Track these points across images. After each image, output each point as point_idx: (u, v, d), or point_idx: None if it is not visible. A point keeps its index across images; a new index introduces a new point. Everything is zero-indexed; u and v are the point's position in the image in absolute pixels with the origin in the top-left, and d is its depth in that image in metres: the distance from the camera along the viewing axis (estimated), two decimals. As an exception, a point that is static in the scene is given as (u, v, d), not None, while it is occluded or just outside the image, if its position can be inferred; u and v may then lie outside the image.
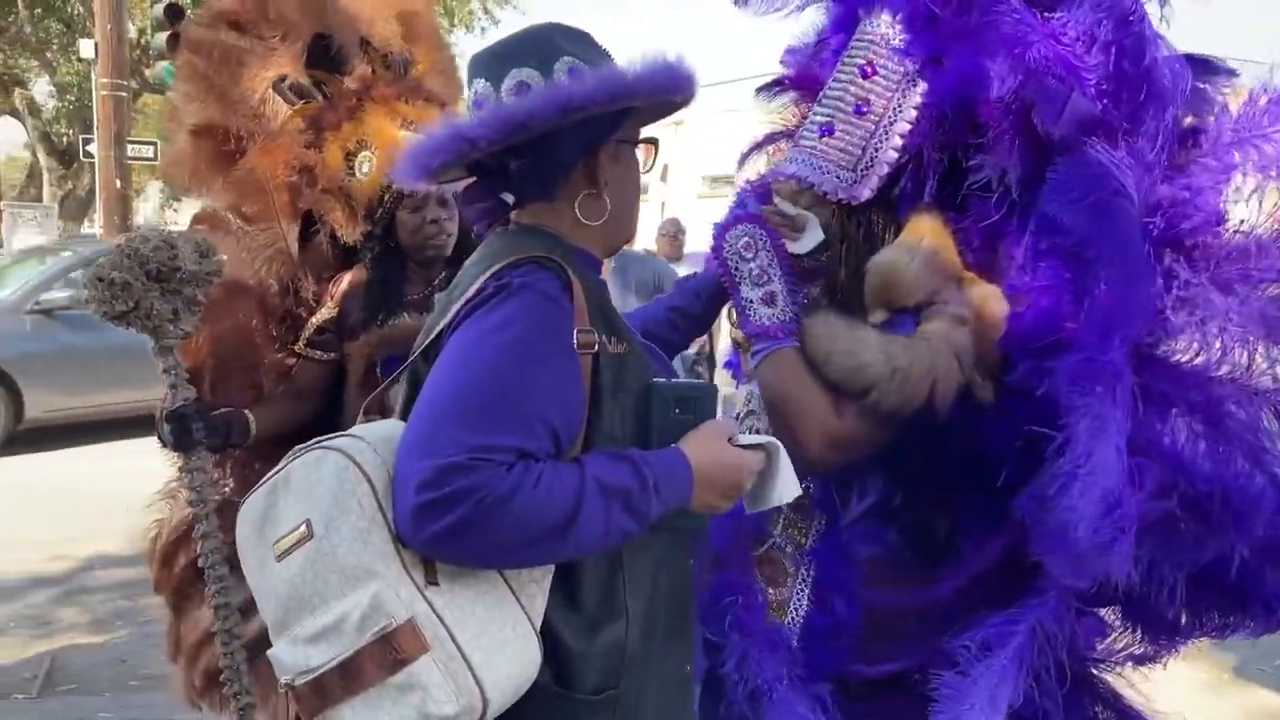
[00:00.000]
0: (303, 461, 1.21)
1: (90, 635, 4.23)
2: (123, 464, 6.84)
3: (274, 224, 2.35)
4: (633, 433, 1.29)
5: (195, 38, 2.40)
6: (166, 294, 2.00)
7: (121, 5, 13.00)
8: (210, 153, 2.34)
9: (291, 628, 1.19)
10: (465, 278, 1.32)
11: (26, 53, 20.70)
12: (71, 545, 5.32)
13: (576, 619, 1.25)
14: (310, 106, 2.39)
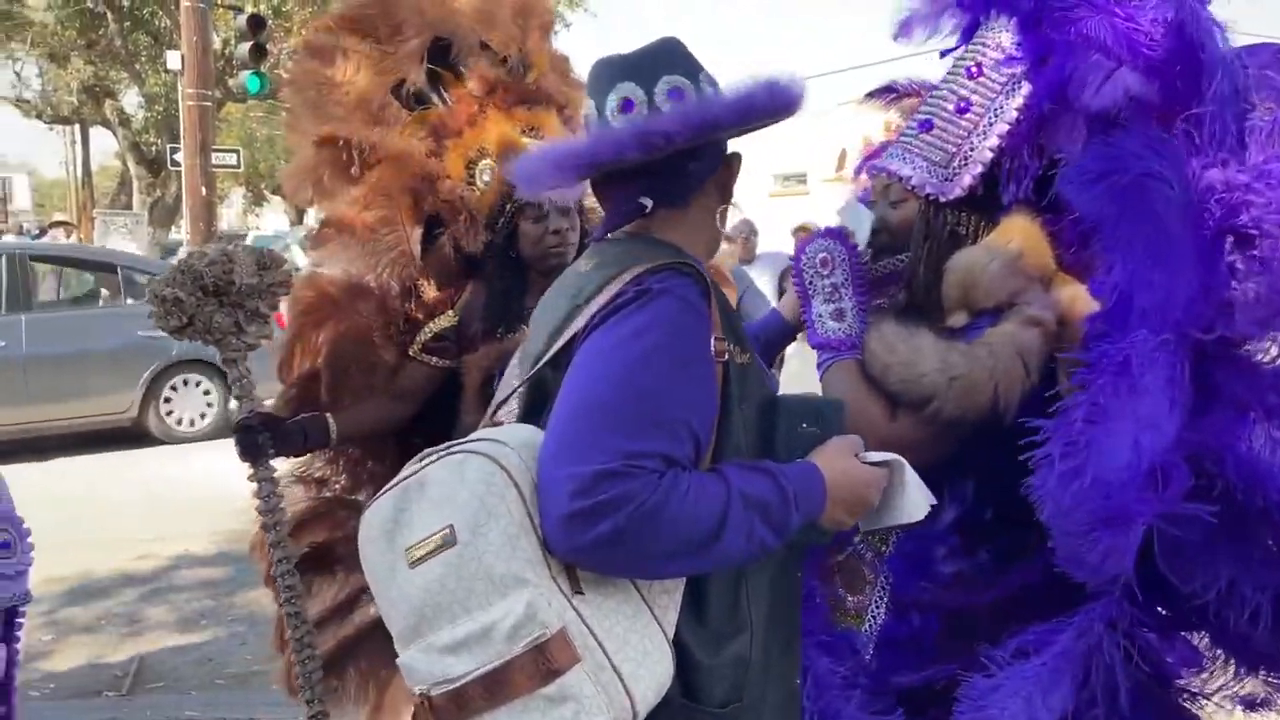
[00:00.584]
0: (442, 465, 1.18)
1: (177, 634, 4.33)
2: (208, 466, 7.04)
3: (398, 227, 2.34)
4: (753, 445, 1.29)
5: (316, 44, 2.41)
6: (226, 307, 2.04)
7: (206, 18, 13.38)
8: (333, 162, 2.33)
9: (425, 636, 1.16)
10: (587, 284, 1.30)
11: (117, 65, 21.45)
12: (159, 545, 5.47)
13: (703, 631, 1.24)
14: (430, 112, 2.38)
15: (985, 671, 1.51)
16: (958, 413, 1.52)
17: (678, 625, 1.21)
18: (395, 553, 1.18)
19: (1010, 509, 1.60)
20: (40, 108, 26.99)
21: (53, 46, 21.95)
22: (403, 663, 1.20)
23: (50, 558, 5.00)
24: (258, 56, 13.06)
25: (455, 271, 2.37)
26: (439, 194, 2.31)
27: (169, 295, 2.02)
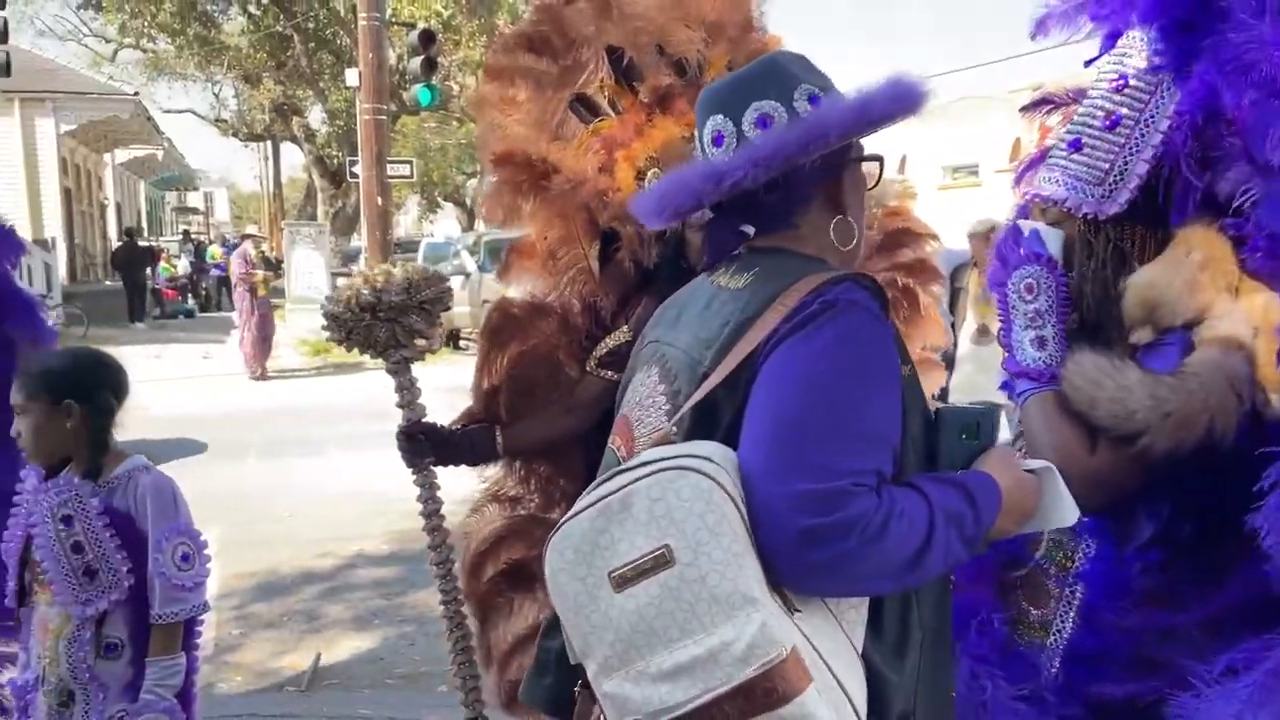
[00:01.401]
0: (651, 482, 1.12)
1: (352, 632, 4.51)
2: (386, 468, 7.35)
3: (575, 246, 2.37)
4: (920, 458, 1.28)
5: (495, 65, 2.44)
6: (384, 322, 2.17)
7: (381, 34, 14.01)
8: (514, 180, 2.35)
9: (634, 663, 1.11)
10: (749, 299, 1.28)
11: (303, 84, 22.82)
12: (337, 544, 5.73)
13: (881, 645, 1.23)
14: (604, 124, 2.36)
15: (1192, 689, 1.47)
16: (1170, 446, 1.48)
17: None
18: (596, 576, 1.12)
19: (1211, 527, 1.55)
20: (236, 126, 29.03)
21: (247, 69, 23.57)
22: (608, 693, 1.13)
23: (241, 555, 5.36)
24: (428, 70, 13.58)
25: (634, 285, 2.36)
26: (612, 208, 2.29)
27: (329, 310, 2.21)
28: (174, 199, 45.33)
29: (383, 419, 9.77)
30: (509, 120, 2.39)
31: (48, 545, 1.98)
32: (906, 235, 2.55)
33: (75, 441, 2.02)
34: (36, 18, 25.06)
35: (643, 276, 2.35)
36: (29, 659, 2.07)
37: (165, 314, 21.10)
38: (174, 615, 2.02)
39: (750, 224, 1.34)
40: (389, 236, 14.71)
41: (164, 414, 9.52)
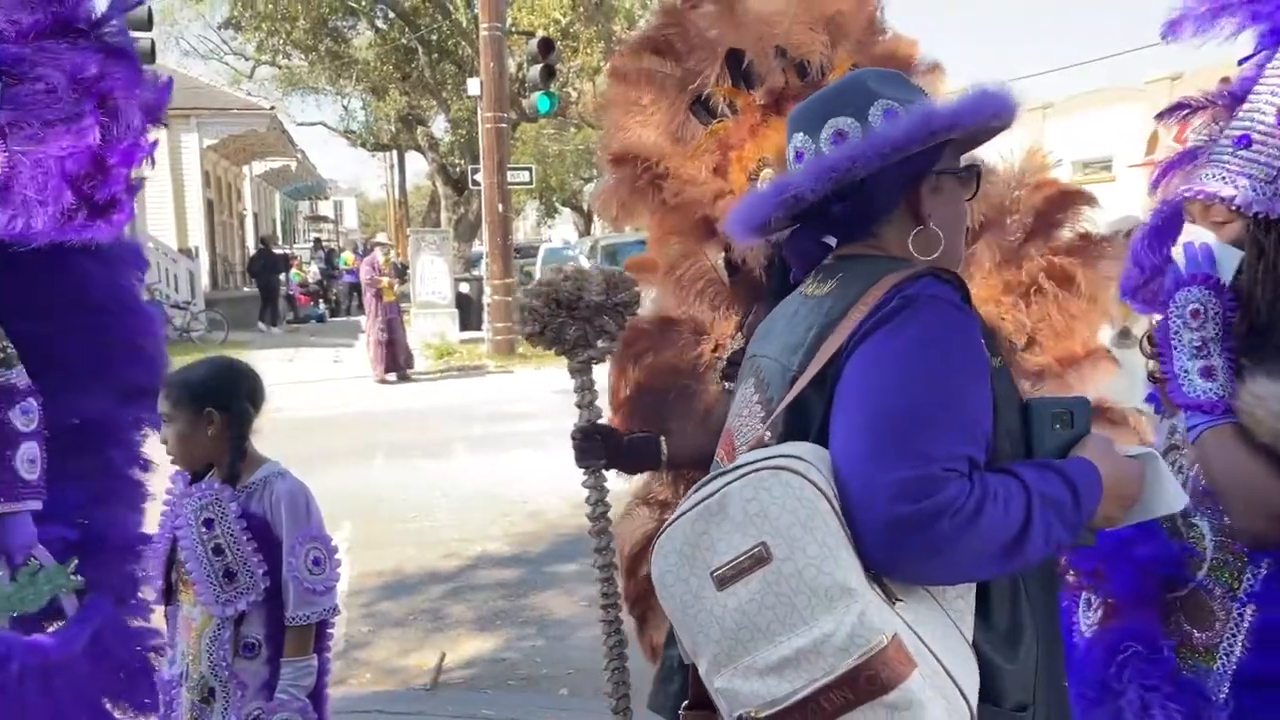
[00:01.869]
0: (743, 484, 1.17)
1: (475, 633, 4.59)
2: (508, 471, 7.49)
3: (698, 259, 2.38)
4: (1015, 448, 1.30)
5: (619, 68, 2.48)
6: (576, 321, 2.19)
7: (502, 44, 14.29)
8: (629, 181, 2.39)
9: (742, 659, 1.15)
10: (833, 304, 1.33)
11: (427, 94, 23.46)
12: (461, 545, 5.85)
13: (992, 634, 1.25)
14: (719, 126, 2.36)
15: None
16: None
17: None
18: (699, 577, 1.17)
19: None
20: (364, 137, 30.04)
21: (374, 81, 24.38)
22: (719, 689, 1.17)
23: (369, 554, 5.53)
24: (547, 77, 13.77)
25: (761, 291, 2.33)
26: (719, 213, 2.26)
27: (527, 304, 2.22)
28: (306, 208, 47.28)
29: (504, 421, 10.00)
30: (632, 123, 2.41)
31: (191, 547, 2.07)
32: (1061, 206, 2.39)
33: (216, 448, 2.11)
34: (181, 38, 26.48)
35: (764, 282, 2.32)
36: (174, 655, 2.16)
37: (298, 319, 22.03)
38: (306, 618, 2.08)
39: (830, 235, 1.40)
40: (509, 242, 14.98)
41: (296, 416, 9.92)
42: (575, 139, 30.49)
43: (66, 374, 2.43)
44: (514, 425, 9.34)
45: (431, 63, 22.34)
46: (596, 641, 4.49)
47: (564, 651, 4.34)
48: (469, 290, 18.27)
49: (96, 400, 2.52)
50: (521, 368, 13.78)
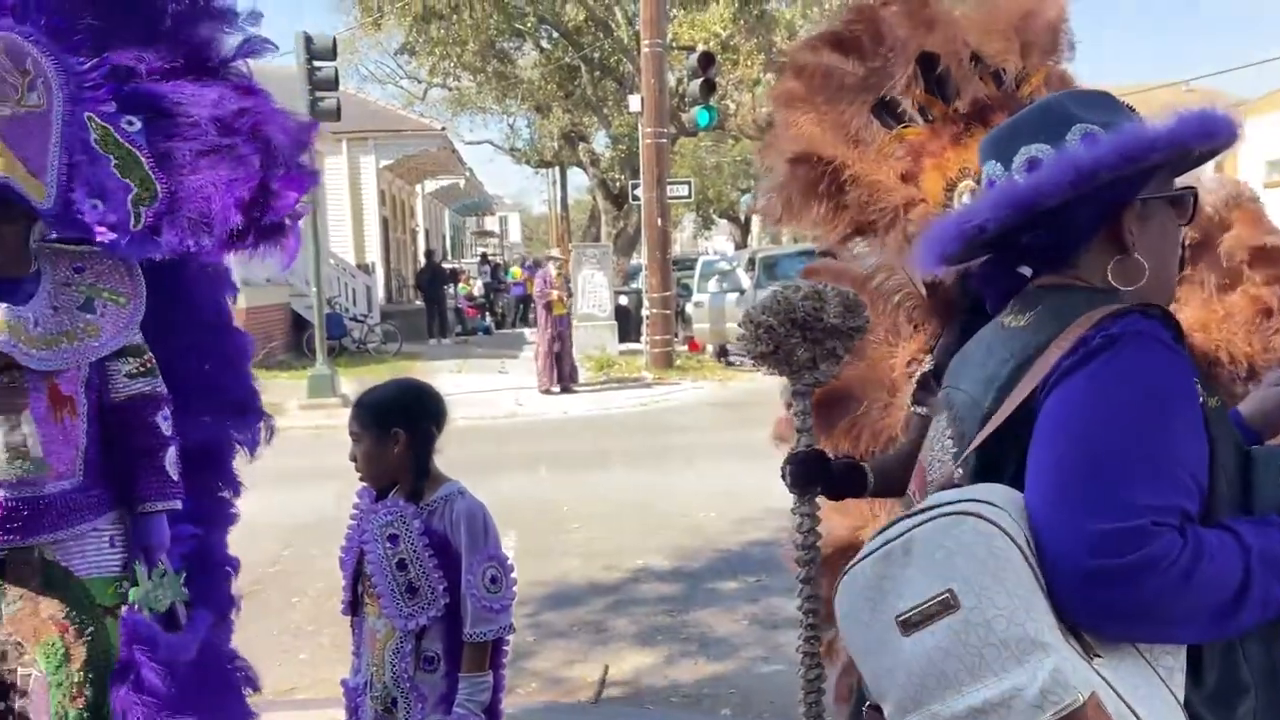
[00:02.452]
0: (930, 528, 1.13)
1: (637, 647, 4.61)
2: (667, 483, 7.52)
3: (894, 271, 2.29)
4: (1235, 497, 1.22)
5: (799, 62, 2.42)
6: (808, 342, 2.12)
7: (663, 60, 14.42)
8: (805, 182, 2.32)
9: (928, 705, 1.12)
10: (1028, 339, 1.26)
11: (588, 111, 23.96)
12: (622, 557, 5.89)
13: (1204, 693, 1.18)
14: (910, 131, 2.28)
15: None
16: None
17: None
18: (883, 620, 1.14)
19: None
20: (528, 154, 30.94)
21: (538, 100, 25.09)
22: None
23: (534, 563, 5.64)
24: (707, 92, 13.81)
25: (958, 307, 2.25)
26: (910, 222, 2.21)
27: (763, 321, 2.13)
28: (473, 224, 49.06)
29: (662, 434, 10.06)
30: (804, 120, 2.35)
31: (377, 562, 2.16)
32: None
33: (401, 466, 2.19)
34: (361, 65, 28.00)
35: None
36: (360, 665, 2.26)
37: (465, 331, 22.84)
38: (483, 635, 2.14)
39: (1025, 265, 1.32)
40: (668, 255, 15.10)
41: (463, 425, 10.27)
42: (733, 150, 30.47)
43: (181, 392, 2.61)
44: (672, 438, 9.38)
45: (593, 80, 22.81)
46: (759, 662, 4.46)
47: (726, 671, 4.30)
48: (628, 303, 18.51)
49: (202, 419, 2.69)
50: (679, 380, 13.84)
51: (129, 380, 2.40)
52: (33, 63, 2.35)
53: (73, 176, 2.33)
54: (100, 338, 2.36)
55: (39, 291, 2.33)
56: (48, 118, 2.33)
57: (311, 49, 11.88)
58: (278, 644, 4.70)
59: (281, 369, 15.35)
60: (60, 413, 2.26)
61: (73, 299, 2.38)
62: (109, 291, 2.42)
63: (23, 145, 2.25)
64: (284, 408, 11.91)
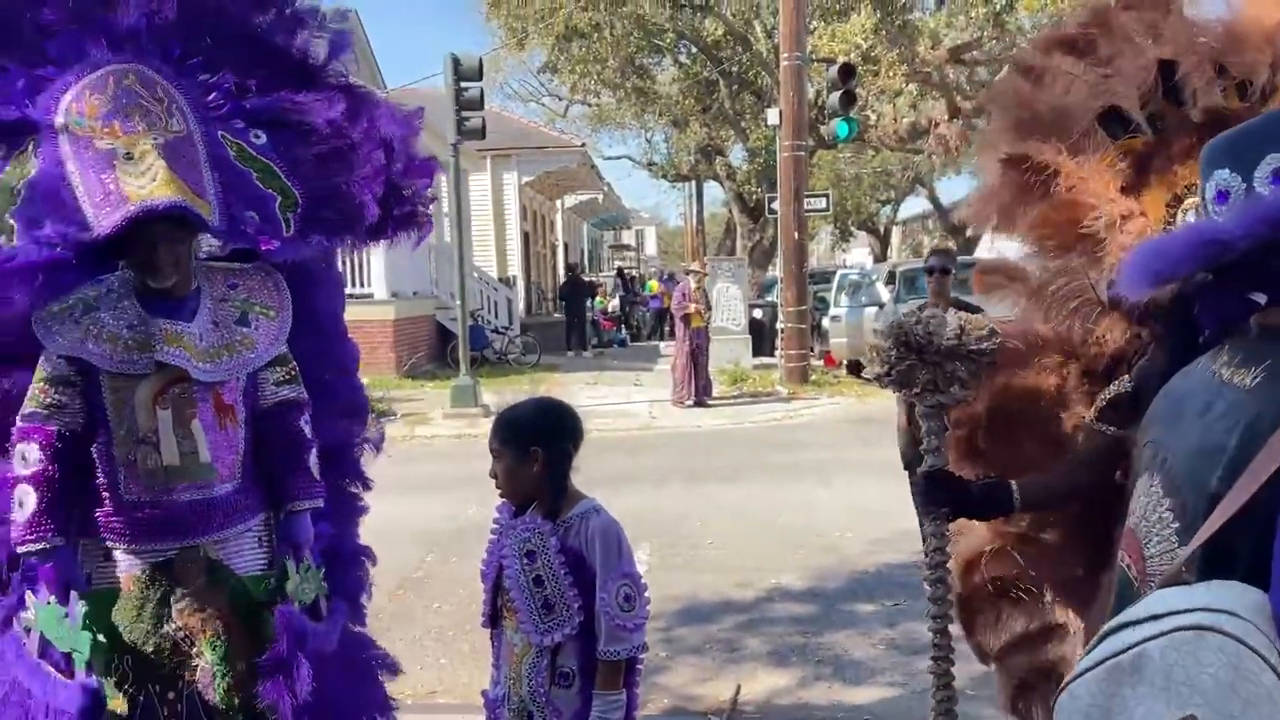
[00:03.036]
0: (1166, 644, 1.01)
1: (770, 667, 4.55)
2: (801, 500, 7.43)
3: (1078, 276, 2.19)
4: None
5: (1025, 62, 2.36)
6: (925, 365, 2.12)
7: (802, 73, 14.31)
8: (1018, 186, 2.24)
9: None
10: (1265, 406, 1.12)
11: (726, 125, 23.99)
12: (755, 575, 5.84)
13: None
14: (1135, 141, 2.17)
15: None
16: None
17: None
18: None
19: None
20: (665, 168, 31.18)
21: (676, 115, 25.28)
22: None
23: (666, 578, 5.66)
24: (847, 103, 13.62)
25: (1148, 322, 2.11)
26: (1125, 235, 2.07)
27: (877, 345, 2.18)
28: (610, 237, 49.73)
29: (797, 450, 9.93)
30: (1025, 121, 2.27)
31: (514, 577, 2.20)
32: None
33: (539, 484, 2.24)
34: (505, 83, 28.85)
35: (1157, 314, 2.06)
36: (499, 676, 2.31)
37: (601, 343, 23.16)
38: (617, 653, 2.15)
39: (1260, 291, 1.17)
40: (804, 269, 14.94)
41: (598, 437, 10.40)
42: (873, 162, 29.94)
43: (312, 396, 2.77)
44: (807, 454, 9.26)
45: (731, 94, 22.82)
46: (895, 687, 4.35)
47: (861, 695, 4.21)
48: (762, 316, 18.39)
49: (328, 420, 2.84)
50: (815, 395, 13.66)
51: (276, 388, 2.57)
52: (163, 90, 2.52)
53: (228, 192, 2.49)
54: (255, 349, 2.53)
55: (200, 308, 2.49)
56: (192, 140, 2.50)
57: (459, 70, 12.30)
58: (419, 648, 4.85)
59: (427, 378, 15.90)
60: (224, 420, 2.42)
61: (230, 314, 2.54)
62: (260, 306, 2.59)
63: (182, 169, 2.42)
64: (428, 417, 12.34)
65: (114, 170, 2.34)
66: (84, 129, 2.39)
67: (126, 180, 2.32)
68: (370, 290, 15.71)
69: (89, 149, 2.37)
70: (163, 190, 2.31)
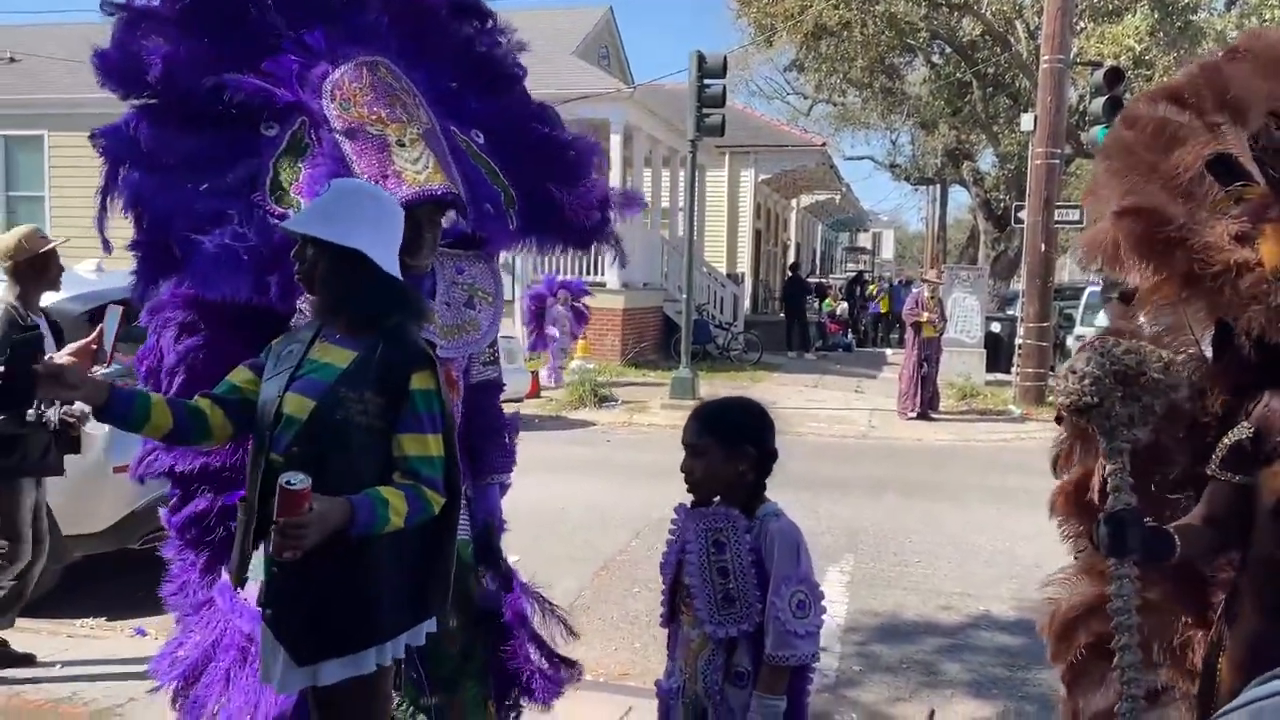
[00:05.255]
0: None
1: (969, 696, 4.36)
2: (1025, 528, 7.05)
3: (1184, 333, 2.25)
4: None
5: (1131, 112, 2.39)
6: (1128, 398, 2.09)
7: (1063, 76, 13.49)
8: (1134, 235, 2.23)
9: None
10: None
11: (976, 129, 22.98)
12: (963, 600, 5.61)
13: None
14: (1251, 190, 2.12)
15: None
16: None
17: None
18: None
19: None
20: (909, 170, 30.27)
21: (924, 116, 24.47)
22: None
23: (868, 592, 5.54)
24: (1111, 110, 12.70)
25: (1255, 373, 2.13)
26: (1241, 287, 2.04)
27: (1089, 373, 2.09)
28: (845, 239, 48.81)
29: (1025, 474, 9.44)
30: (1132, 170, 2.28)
31: (698, 564, 2.23)
32: None
33: (740, 483, 2.24)
34: (751, 80, 28.90)
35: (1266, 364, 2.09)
36: (673, 668, 2.35)
37: (826, 346, 22.82)
38: (784, 659, 2.13)
39: None
40: (1050, 283, 14.10)
41: (815, 441, 10.27)
42: (1139, 173, 27.81)
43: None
44: (1036, 480, 8.71)
45: (985, 96, 21.83)
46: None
47: (1066, 741, 3.96)
48: (1000, 330, 17.51)
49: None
50: (1050, 418, 12.88)
51: (484, 367, 2.79)
52: (407, 83, 2.71)
53: (469, 185, 2.67)
54: (480, 331, 2.72)
55: (436, 288, 2.68)
56: (437, 133, 2.67)
57: (703, 67, 12.45)
58: (616, 630, 5.00)
59: (650, 368, 16.25)
60: (451, 393, 2.58)
61: (459, 296, 2.73)
62: (482, 291, 2.78)
63: (443, 157, 2.60)
64: (648, 406, 12.62)
65: (389, 154, 2.53)
66: (351, 115, 2.60)
67: (404, 165, 2.52)
68: (603, 279, 16.22)
69: (361, 132, 2.57)
70: (438, 177, 2.50)
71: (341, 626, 2.09)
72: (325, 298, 2.17)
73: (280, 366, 2.19)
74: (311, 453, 2.02)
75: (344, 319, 2.19)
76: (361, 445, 2.10)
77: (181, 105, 2.62)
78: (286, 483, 1.90)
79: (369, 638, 2.12)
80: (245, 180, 2.58)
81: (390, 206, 2.25)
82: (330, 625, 2.08)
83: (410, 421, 2.12)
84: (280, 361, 2.20)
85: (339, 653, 2.10)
